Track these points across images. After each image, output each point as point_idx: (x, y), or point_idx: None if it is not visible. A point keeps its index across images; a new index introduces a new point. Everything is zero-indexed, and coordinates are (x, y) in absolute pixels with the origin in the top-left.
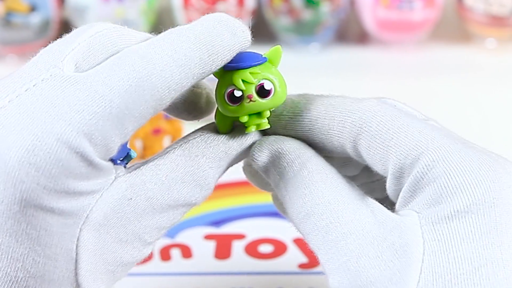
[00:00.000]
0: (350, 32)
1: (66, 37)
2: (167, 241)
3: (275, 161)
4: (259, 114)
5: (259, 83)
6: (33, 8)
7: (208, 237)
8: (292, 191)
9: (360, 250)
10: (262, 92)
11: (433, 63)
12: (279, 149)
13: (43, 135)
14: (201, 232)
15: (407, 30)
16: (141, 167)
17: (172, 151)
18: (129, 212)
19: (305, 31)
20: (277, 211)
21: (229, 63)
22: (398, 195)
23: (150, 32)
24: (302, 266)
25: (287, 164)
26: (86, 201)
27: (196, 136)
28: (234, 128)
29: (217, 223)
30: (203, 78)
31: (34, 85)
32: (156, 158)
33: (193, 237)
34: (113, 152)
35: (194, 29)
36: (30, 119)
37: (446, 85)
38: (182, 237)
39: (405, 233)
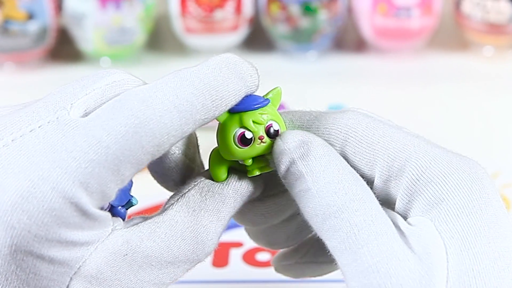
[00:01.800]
0: (348, 40)
1: (84, 79)
2: None
3: (304, 152)
4: (261, 157)
5: (267, 124)
6: (30, 16)
7: None
8: (321, 185)
9: (391, 252)
10: (270, 133)
11: (431, 71)
12: (309, 142)
13: (38, 182)
14: None
15: (405, 37)
16: (139, 224)
17: (170, 207)
18: (124, 267)
19: (302, 38)
20: None
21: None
22: (386, 199)
23: (147, 40)
24: None
25: (316, 157)
26: (80, 252)
27: (191, 187)
28: (229, 176)
29: None
30: (206, 124)
31: (39, 127)
32: (155, 215)
33: None
34: (110, 198)
35: (199, 72)
36: (28, 162)
37: (443, 93)
38: None
39: (424, 237)
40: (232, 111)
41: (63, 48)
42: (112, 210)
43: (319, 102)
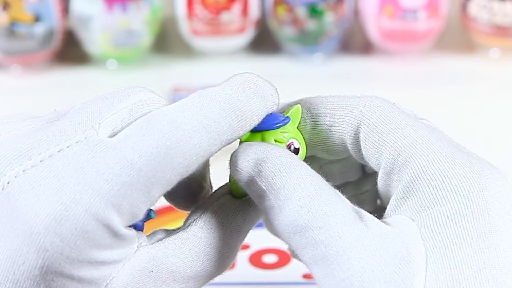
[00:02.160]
0: (354, 42)
1: (109, 96)
2: None
3: (261, 170)
4: None
5: (289, 142)
6: (37, 18)
7: None
8: (283, 202)
9: (363, 264)
10: (292, 151)
11: (437, 73)
12: (265, 156)
13: (71, 205)
14: None
15: (411, 40)
16: (164, 240)
17: (194, 222)
18: (149, 283)
19: (309, 41)
20: None
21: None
22: (387, 192)
23: (154, 43)
24: (306, 276)
25: (274, 172)
26: (108, 271)
27: (212, 203)
28: (229, 211)
29: None
30: (230, 143)
31: (67, 147)
32: (179, 231)
33: None
34: (139, 218)
35: (223, 92)
36: (59, 184)
37: (450, 95)
38: None
39: (406, 243)
40: (254, 130)
41: (69, 51)
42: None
43: None
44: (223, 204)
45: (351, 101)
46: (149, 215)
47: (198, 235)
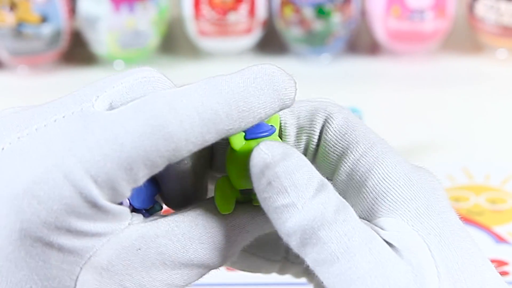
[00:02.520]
0: (361, 43)
1: (116, 74)
2: None
3: (286, 166)
4: None
5: None
6: (44, 19)
7: None
8: (305, 200)
9: (383, 256)
10: None
11: (444, 74)
12: (289, 153)
13: (52, 169)
14: None
15: (418, 40)
16: (158, 220)
17: (193, 209)
18: (136, 262)
19: (316, 41)
20: None
21: (247, 130)
22: (344, 193)
23: (161, 44)
24: None
25: (296, 170)
26: (90, 242)
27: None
28: (235, 208)
29: None
30: (232, 135)
31: (63, 117)
32: (176, 214)
33: None
34: (123, 196)
35: (231, 81)
36: (46, 150)
37: (457, 96)
38: None
39: (404, 237)
40: (248, 138)
41: (76, 51)
42: (135, 212)
43: None
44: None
45: (315, 103)
46: (154, 207)
47: (195, 221)
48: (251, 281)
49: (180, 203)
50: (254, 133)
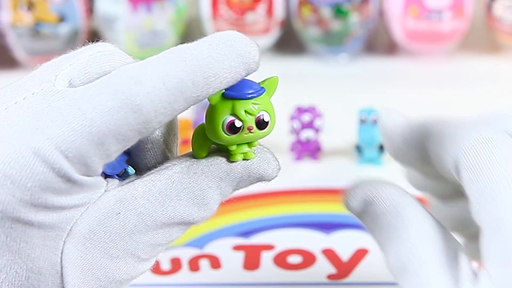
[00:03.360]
0: (379, 43)
1: (70, 53)
2: (195, 252)
3: (369, 208)
4: (248, 143)
5: (258, 114)
6: (61, 19)
7: (237, 247)
8: (387, 241)
9: None
10: (261, 123)
11: (462, 74)
12: (373, 197)
13: (20, 148)
14: (230, 243)
15: (436, 40)
16: (134, 181)
17: (170, 167)
18: (118, 227)
19: (334, 41)
20: (306, 222)
21: (228, 90)
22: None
23: (178, 43)
24: (331, 277)
25: (380, 212)
26: (69, 214)
27: (189, 156)
28: (209, 153)
29: (246, 234)
30: (200, 101)
31: (24, 98)
32: (152, 173)
33: (222, 248)
34: (96, 171)
35: (194, 48)
36: (12, 130)
37: (475, 95)
38: (211, 248)
39: None
40: (226, 96)
41: None
42: (106, 178)
43: (350, 105)
44: (211, 158)
45: (446, 138)
46: (126, 172)
47: (171, 178)
48: (273, 280)
49: (149, 170)
50: (234, 91)
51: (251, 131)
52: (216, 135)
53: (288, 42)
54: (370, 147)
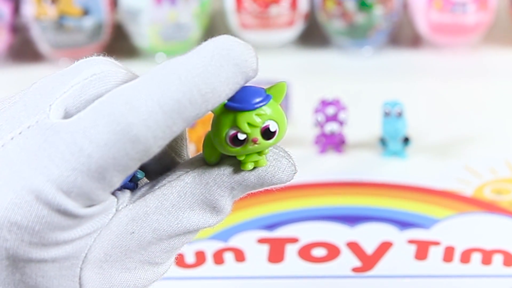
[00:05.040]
0: (403, 36)
1: (64, 73)
2: (220, 245)
3: None
4: (258, 152)
5: (264, 125)
6: (85, 12)
7: (261, 240)
8: None
9: None
10: (267, 133)
11: (486, 66)
12: None
13: (22, 192)
14: (254, 236)
15: (460, 33)
16: (146, 196)
17: (181, 177)
18: (133, 245)
19: (358, 34)
20: (330, 215)
21: (230, 100)
22: None
23: (203, 36)
24: (355, 270)
25: None
26: (82, 243)
27: (198, 162)
28: (221, 158)
29: (270, 227)
30: (200, 118)
31: (19, 133)
32: (163, 185)
33: (246, 241)
34: (101, 201)
35: (187, 63)
36: (11, 172)
37: (499, 88)
38: (235, 241)
39: None
40: (228, 107)
41: (118, 44)
42: (118, 188)
43: (374, 98)
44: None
45: None
46: (135, 176)
47: (184, 190)
48: (298, 274)
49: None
50: (236, 101)
51: (257, 142)
52: (220, 147)
53: (312, 35)
54: (394, 139)
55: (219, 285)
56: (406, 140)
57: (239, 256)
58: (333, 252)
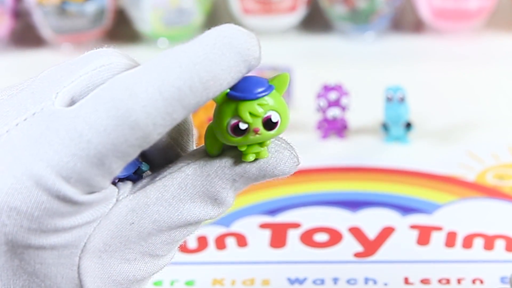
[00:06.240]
0: (406, 21)
1: (73, 63)
2: (222, 230)
3: None
4: (260, 143)
5: (266, 115)
6: None
7: (264, 226)
8: None
9: None
10: (269, 124)
11: (489, 52)
12: None
13: (22, 178)
14: (257, 221)
15: (463, 18)
16: (146, 187)
17: (182, 168)
18: (132, 236)
19: (360, 19)
20: (333, 200)
21: (232, 89)
22: None
23: (205, 22)
24: (357, 255)
25: None
26: (81, 232)
27: (200, 153)
28: (223, 149)
29: (273, 212)
30: (202, 106)
31: (24, 119)
32: (164, 177)
33: (249, 226)
34: (102, 188)
35: (189, 51)
36: (13, 158)
37: (501, 74)
38: (237, 226)
39: None
40: (230, 97)
41: (120, 29)
42: (121, 180)
43: (376, 83)
44: (224, 157)
45: None
46: (140, 168)
47: (185, 181)
48: (299, 259)
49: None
50: (238, 91)
51: (258, 132)
52: (222, 137)
53: (314, 20)
54: (397, 125)
55: (221, 270)
56: (408, 126)
57: (241, 241)
58: (335, 237)
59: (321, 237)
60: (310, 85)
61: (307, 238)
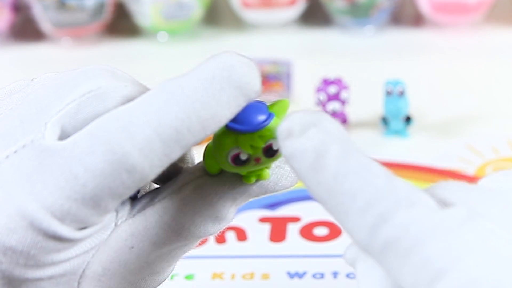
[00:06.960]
0: (405, 15)
1: (59, 84)
2: None
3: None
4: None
5: (266, 145)
6: None
7: (263, 220)
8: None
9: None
10: (270, 152)
11: (489, 46)
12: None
13: (16, 218)
14: (256, 215)
15: (463, 12)
16: (146, 210)
17: (182, 189)
18: (132, 259)
19: (360, 13)
20: None
21: (232, 121)
22: None
23: (204, 15)
24: None
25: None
26: (79, 260)
27: (199, 171)
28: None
29: (272, 206)
30: (198, 144)
31: (15, 152)
32: (164, 199)
33: (248, 220)
34: (97, 224)
35: (187, 86)
36: (6, 195)
37: (501, 67)
38: (237, 220)
39: None
40: (229, 128)
41: (120, 23)
42: None
43: (376, 77)
44: (221, 172)
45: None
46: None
47: (184, 202)
48: (299, 253)
49: (160, 181)
50: (238, 122)
51: (259, 162)
52: (222, 164)
53: (314, 14)
54: (396, 119)
55: (220, 264)
56: (408, 119)
57: (241, 235)
58: (334, 231)
59: (320, 231)
60: (310, 79)
61: (306, 232)
